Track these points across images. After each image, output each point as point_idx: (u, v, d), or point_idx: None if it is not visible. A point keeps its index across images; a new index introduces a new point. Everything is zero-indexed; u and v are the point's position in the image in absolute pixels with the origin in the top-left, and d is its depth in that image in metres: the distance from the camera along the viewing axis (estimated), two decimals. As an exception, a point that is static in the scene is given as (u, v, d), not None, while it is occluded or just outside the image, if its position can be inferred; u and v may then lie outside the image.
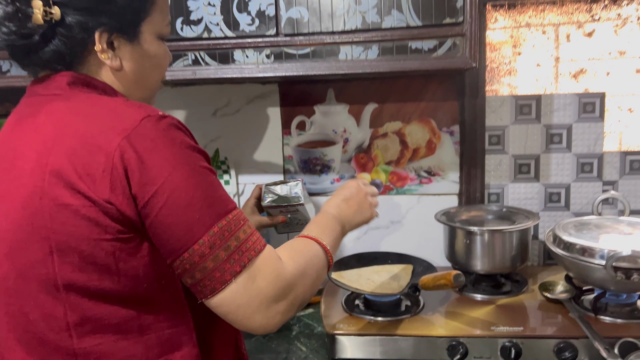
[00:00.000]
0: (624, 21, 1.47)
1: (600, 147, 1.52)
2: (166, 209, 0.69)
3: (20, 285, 0.73)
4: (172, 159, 0.70)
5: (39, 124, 0.74)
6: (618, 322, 1.18)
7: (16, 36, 0.75)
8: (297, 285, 0.78)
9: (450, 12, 1.14)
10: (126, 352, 0.73)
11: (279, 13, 1.19)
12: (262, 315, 0.74)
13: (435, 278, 1.14)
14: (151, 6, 0.83)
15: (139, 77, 0.84)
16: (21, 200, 0.71)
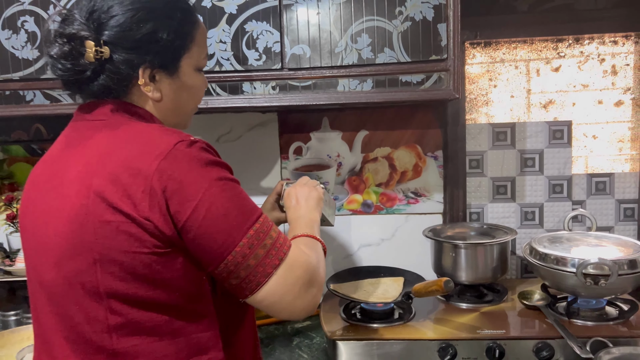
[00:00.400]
0: (586, 58, 1.66)
1: (569, 170, 1.69)
2: (207, 221, 0.77)
3: (66, 290, 0.81)
4: (205, 177, 0.79)
5: (85, 148, 0.83)
6: (589, 325, 1.32)
7: (70, 72, 0.84)
8: (319, 270, 0.91)
9: (435, 50, 1.30)
10: (159, 352, 0.81)
11: (284, 50, 1.33)
12: (302, 300, 0.84)
13: (426, 285, 1.27)
14: (190, 43, 0.91)
15: (177, 106, 0.93)
16: (69, 216, 0.79)
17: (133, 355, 0.80)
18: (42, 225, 0.83)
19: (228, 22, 1.32)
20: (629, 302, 1.39)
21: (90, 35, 0.83)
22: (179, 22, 0.89)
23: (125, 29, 0.84)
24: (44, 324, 0.87)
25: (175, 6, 0.90)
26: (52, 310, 0.84)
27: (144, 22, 0.85)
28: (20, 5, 1.36)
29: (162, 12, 0.88)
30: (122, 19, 0.84)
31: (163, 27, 0.87)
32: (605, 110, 1.67)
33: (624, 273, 1.26)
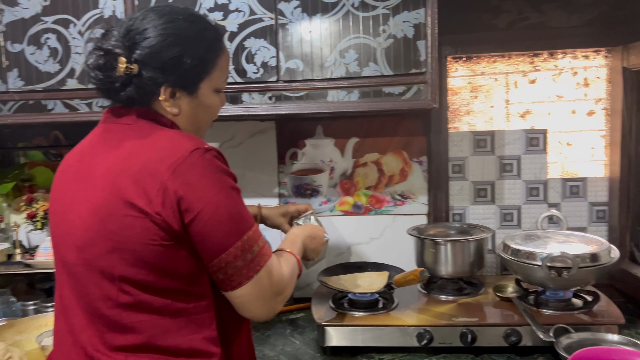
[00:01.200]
0: (560, 71, 1.80)
1: (544, 175, 1.82)
2: (211, 222, 0.89)
3: (86, 271, 0.94)
4: (215, 184, 0.90)
5: (112, 148, 0.95)
6: (556, 314, 1.44)
7: (102, 82, 0.96)
8: (289, 285, 1.04)
9: (415, 64, 1.44)
10: (162, 328, 0.93)
11: (279, 64, 1.48)
12: (268, 306, 0.98)
13: (405, 275, 1.41)
14: (212, 68, 1.01)
15: (193, 121, 1.03)
16: (93, 207, 0.92)
17: (140, 329, 0.92)
18: (69, 212, 0.96)
19: (229, 39, 1.48)
20: (592, 293, 1.51)
21: (124, 52, 0.94)
22: (204, 50, 1.00)
23: (155, 51, 0.95)
24: (65, 297, 0.99)
25: (203, 35, 1.00)
26: (73, 287, 0.97)
27: (172, 47, 0.96)
28: (43, 24, 1.53)
29: (190, 39, 0.98)
30: (154, 41, 0.95)
31: (188, 53, 0.97)
32: (579, 119, 1.81)
33: (586, 266, 1.39)
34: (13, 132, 1.96)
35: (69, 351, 0.97)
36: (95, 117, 1.47)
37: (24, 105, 1.57)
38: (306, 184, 1.87)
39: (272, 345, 1.53)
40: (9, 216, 1.96)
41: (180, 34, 0.97)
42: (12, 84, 1.55)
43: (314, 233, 1.31)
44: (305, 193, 1.87)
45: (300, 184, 1.87)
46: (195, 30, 1.00)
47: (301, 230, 1.28)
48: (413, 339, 1.40)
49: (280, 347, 1.52)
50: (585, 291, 1.54)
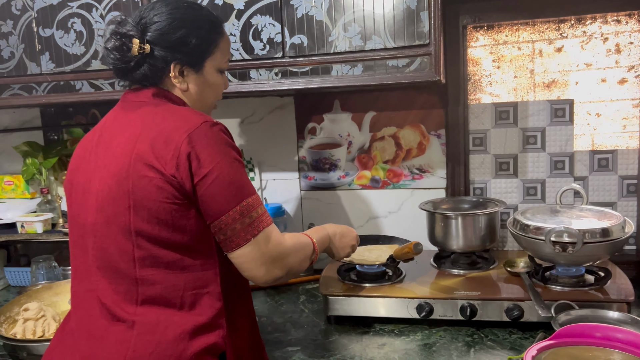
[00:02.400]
0: (589, 37, 1.70)
1: (571, 147, 1.74)
2: (214, 185, 0.98)
3: (105, 229, 1.03)
4: (220, 152, 1.00)
5: (132, 120, 1.06)
6: (566, 290, 1.40)
7: (119, 62, 1.08)
8: (291, 255, 1.09)
9: (419, 36, 1.42)
10: (171, 282, 1.02)
11: (284, 40, 1.50)
12: (265, 269, 1.04)
13: (402, 248, 1.42)
14: (215, 48, 1.13)
15: (200, 97, 1.14)
16: (114, 170, 1.02)
17: (151, 282, 1.02)
18: (91, 180, 1.07)
19: (237, 17, 1.52)
20: (605, 270, 1.45)
21: (137, 34, 1.07)
22: (206, 31, 1.12)
23: (164, 32, 1.08)
24: (82, 257, 1.09)
25: (205, 19, 1.13)
26: (92, 245, 1.07)
27: (178, 29, 1.09)
28: (70, 9, 1.63)
29: (194, 22, 1.11)
30: (162, 25, 1.08)
31: (193, 34, 1.10)
32: (609, 88, 1.71)
33: (595, 241, 1.34)
34: (58, 112, 2.12)
35: (88, 308, 1.07)
36: (117, 95, 1.57)
37: (56, 86, 1.69)
38: (325, 158, 1.90)
39: (282, 312, 1.59)
40: (56, 188, 2.13)
41: (184, 18, 1.10)
42: (45, 67, 1.68)
43: (345, 232, 1.34)
44: (324, 167, 1.90)
45: (319, 159, 1.90)
46: (197, 15, 1.12)
47: (333, 226, 1.33)
48: (413, 310, 1.42)
49: (289, 314, 1.58)
50: (599, 267, 1.48)
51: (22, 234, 1.91)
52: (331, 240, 1.30)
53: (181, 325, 1.00)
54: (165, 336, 0.99)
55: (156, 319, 1.00)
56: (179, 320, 1.00)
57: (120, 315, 1.01)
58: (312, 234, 1.22)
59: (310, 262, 1.18)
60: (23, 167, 2.06)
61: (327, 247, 1.29)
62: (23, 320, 1.50)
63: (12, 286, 2.01)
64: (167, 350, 0.98)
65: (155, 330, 0.99)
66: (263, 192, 1.97)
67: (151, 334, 0.99)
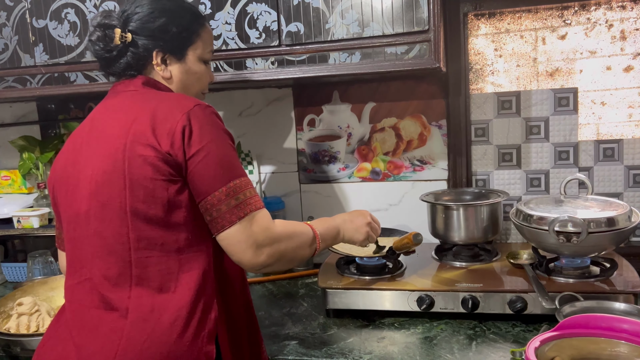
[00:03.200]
0: (593, 24, 1.66)
1: (575, 137, 1.71)
2: (202, 164, 0.99)
3: (100, 212, 1.02)
4: (211, 133, 1.01)
5: (124, 106, 1.07)
6: (570, 282, 1.37)
7: (103, 51, 1.12)
8: (281, 241, 1.06)
9: (417, 22, 1.39)
10: (164, 264, 1.01)
11: (280, 28, 1.47)
12: (252, 253, 1.02)
13: (401, 239, 1.38)
14: (196, 38, 1.16)
15: (184, 85, 1.16)
16: (108, 154, 1.02)
17: (144, 264, 1.01)
18: (81, 169, 1.06)
19: (232, 5, 1.49)
20: (610, 261, 1.42)
21: (118, 25, 1.11)
22: (187, 21, 1.15)
23: (144, 21, 1.11)
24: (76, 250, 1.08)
25: (186, 9, 1.17)
26: (86, 232, 1.05)
27: (158, 18, 1.12)
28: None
29: (174, 12, 1.14)
30: (143, 14, 1.12)
31: (173, 22, 1.13)
32: (614, 76, 1.67)
33: (599, 231, 1.30)
34: (57, 106, 2.10)
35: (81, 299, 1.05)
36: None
37: (50, 77, 1.67)
38: (324, 150, 1.86)
39: (281, 306, 1.56)
40: (53, 184, 2.10)
41: (164, 8, 1.13)
42: (39, 58, 1.66)
43: (354, 216, 1.31)
44: (323, 159, 1.87)
45: (318, 151, 1.87)
46: (178, 5, 1.16)
47: (342, 214, 1.30)
48: (414, 303, 1.38)
49: (287, 308, 1.55)
50: (605, 258, 1.44)
51: (18, 229, 1.89)
52: (341, 228, 1.26)
53: (175, 312, 0.99)
54: (159, 324, 0.97)
55: (150, 306, 0.99)
56: (172, 306, 0.99)
57: (114, 303, 1.00)
58: (316, 224, 1.20)
59: (312, 252, 1.15)
60: (20, 162, 2.04)
61: (338, 236, 1.25)
62: (17, 315, 1.47)
63: (10, 282, 1.99)
64: (162, 337, 0.97)
65: (148, 318, 0.98)
66: (262, 185, 1.94)
67: (144, 321, 0.98)
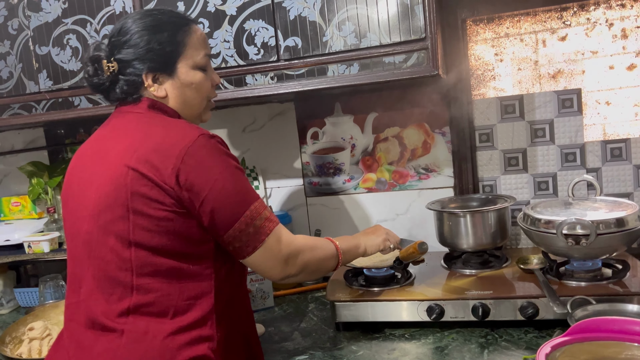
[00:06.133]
0: (594, 24, 1.65)
1: (581, 138, 1.69)
2: (218, 201, 1.00)
3: (102, 237, 1.02)
4: (219, 164, 1.02)
5: (129, 130, 1.07)
6: (582, 285, 1.34)
7: (96, 84, 1.13)
8: (305, 252, 1.12)
9: (414, 31, 1.39)
10: (166, 290, 1.01)
11: (278, 43, 1.48)
12: (280, 267, 1.08)
13: (407, 249, 1.37)
14: (183, 48, 1.12)
15: (183, 100, 1.14)
16: (111, 177, 1.01)
17: (146, 290, 1.01)
18: (86, 189, 1.06)
19: (230, 23, 1.50)
20: (622, 262, 1.39)
21: (105, 55, 1.11)
22: (169, 34, 1.12)
23: (128, 46, 1.10)
24: (76, 268, 1.08)
25: (166, 21, 1.13)
26: (87, 254, 1.05)
27: (140, 38, 1.10)
28: (65, 25, 1.63)
29: (154, 28, 1.11)
30: (124, 39, 1.11)
31: (155, 40, 1.10)
32: (618, 75, 1.65)
33: (608, 232, 1.28)
34: (66, 131, 2.12)
35: (78, 319, 1.05)
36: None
37: (54, 103, 1.69)
38: (328, 162, 1.86)
39: (290, 321, 1.55)
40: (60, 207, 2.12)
41: (144, 28, 1.11)
42: (43, 84, 1.68)
43: (370, 231, 1.39)
44: (328, 172, 1.87)
45: (322, 163, 1.87)
46: (157, 21, 1.12)
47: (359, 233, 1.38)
48: (423, 313, 1.37)
49: (297, 323, 1.54)
50: (617, 260, 1.41)
51: (29, 254, 1.90)
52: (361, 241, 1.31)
53: (171, 334, 0.98)
54: (153, 344, 0.97)
55: (145, 327, 0.98)
56: (168, 328, 0.99)
57: (110, 325, 1.00)
58: (338, 239, 1.24)
59: (335, 263, 1.21)
60: (29, 188, 2.07)
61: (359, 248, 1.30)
62: (29, 340, 1.48)
63: (22, 307, 2.00)
64: (155, 358, 0.96)
65: (143, 339, 0.97)
66: (268, 200, 1.94)
67: (139, 342, 0.97)
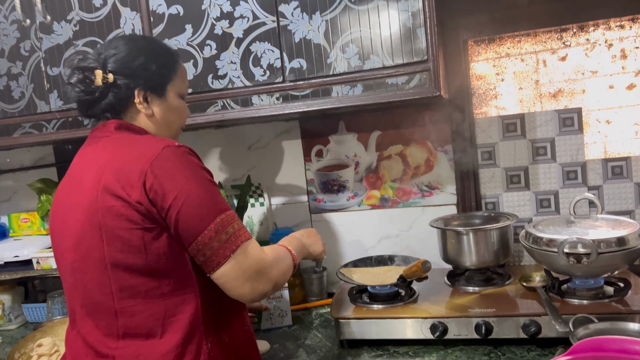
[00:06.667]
0: (593, 45, 1.68)
1: (582, 156, 1.71)
2: (185, 207, 0.98)
3: (83, 264, 1.04)
4: (186, 173, 1.00)
5: (97, 155, 1.07)
6: (584, 303, 1.36)
7: (83, 93, 1.10)
8: (273, 268, 1.07)
9: (416, 53, 1.42)
10: (151, 311, 1.01)
11: (284, 65, 1.51)
12: (250, 286, 1.02)
13: (410, 267, 1.39)
14: (174, 74, 1.17)
15: (165, 122, 1.16)
16: (85, 205, 1.03)
17: (130, 313, 1.01)
18: (66, 218, 1.08)
19: (236, 45, 1.54)
20: (624, 280, 1.40)
21: (99, 66, 1.10)
22: (164, 58, 1.16)
23: (124, 61, 1.12)
24: (70, 299, 1.11)
25: (161, 48, 1.18)
26: (74, 283, 1.08)
27: (137, 57, 1.12)
28: (75, 47, 1.67)
29: (151, 50, 1.15)
30: (121, 55, 1.12)
31: (152, 61, 1.14)
32: (617, 94, 1.68)
33: (609, 251, 1.30)
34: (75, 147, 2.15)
35: (75, 349, 1.08)
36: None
37: (65, 122, 1.72)
38: (333, 180, 1.89)
39: (295, 338, 1.57)
40: (70, 224, 2.15)
41: (141, 47, 1.15)
42: (54, 104, 1.72)
43: (308, 231, 1.35)
44: (333, 189, 1.90)
45: (327, 180, 1.89)
46: (153, 44, 1.18)
47: (297, 232, 1.33)
48: (427, 331, 1.38)
49: (302, 340, 1.55)
50: (619, 278, 1.43)
51: (37, 270, 1.93)
52: (304, 242, 1.28)
53: (162, 356, 0.99)
54: None
55: (136, 351, 1.00)
56: (158, 352, 0.99)
57: (103, 352, 1.01)
58: (286, 243, 1.21)
59: (293, 270, 1.16)
60: (38, 204, 2.10)
61: (304, 248, 1.27)
62: (37, 357, 1.50)
63: (30, 322, 2.02)
64: None
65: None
66: (273, 216, 1.97)
67: None
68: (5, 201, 2.27)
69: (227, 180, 1.98)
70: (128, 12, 1.60)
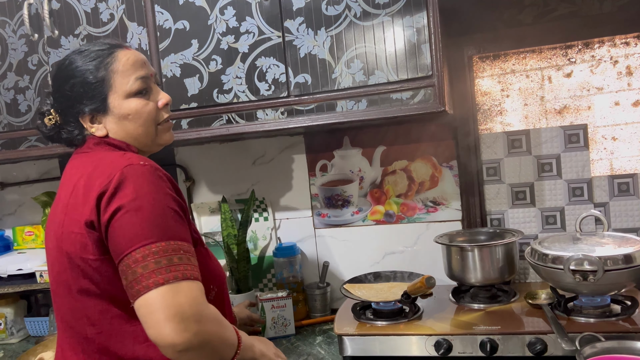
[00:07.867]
0: (598, 62, 1.68)
1: (588, 173, 1.70)
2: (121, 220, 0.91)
3: (58, 289, 1.05)
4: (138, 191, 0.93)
5: (72, 176, 1.06)
6: (591, 322, 1.34)
7: (46, 134, 1.16)
8: (209, 322, 0.91)
9: (421, 68, 1.42)
10: (121, 337, 0.99)
11: (288, 79, 1.52)
12: (173, 327, 0.85)
13: (414, 284, 1.38)
14: (107, 83, 1.07)
15: (125, 133, 1.10)
16: (55, 229, 1.03)
17: (104, 337, 1.00)
18: (49, 242, 1.09)
19: (242, 60, 1.54)
20: (631, 298, 1.39)
21: (45, 107, 1.15)
22: (91, 73, 1.08)
23: (59, 96, 1.12)
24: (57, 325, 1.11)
25: (86, 62, 1.09)
26: (55, 308, 1.09)
27: (64, 84, 1.10)
28: (82, 61, 1.68)
29: (75, 71, 1.09)
30: (54, 88, 1.14)
31: (79, 84, 1.08)
32: (623, 111, 1.67)
33: (616, 268, 1.28)
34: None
35: None
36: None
37: (70, 136, 1.73)
38: (337, 194, 1.88)
39: (298, 354, 1.55)
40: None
41: (67, 74, 1.10)
42: (60, 118, 1.72)
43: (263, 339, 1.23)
44: (337, 204, 1.89)
45: (331, 195, 1.89)
46: (78, 63, 1.09)
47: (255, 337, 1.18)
48: (431, 348, 1.36)
49: (305, 356, 1.54)
50: (626, 296, 1.41)
51: (40, 283, 1.92)
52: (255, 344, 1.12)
53: None
54: None
55: None
56: None
57: None
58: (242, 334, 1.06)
59: (233, 354, 0.99)
60: (42, 217, 2.10)
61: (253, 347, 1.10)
62: (38, 370, 1.49)
63: (32, 336, 2.01)
64: None
65: None
66: (277, 231, 1.96)
67: None
68: (10, 214, 2.28)
69: (232, 194, 1.98)
70: (135, 27, 1.62)
